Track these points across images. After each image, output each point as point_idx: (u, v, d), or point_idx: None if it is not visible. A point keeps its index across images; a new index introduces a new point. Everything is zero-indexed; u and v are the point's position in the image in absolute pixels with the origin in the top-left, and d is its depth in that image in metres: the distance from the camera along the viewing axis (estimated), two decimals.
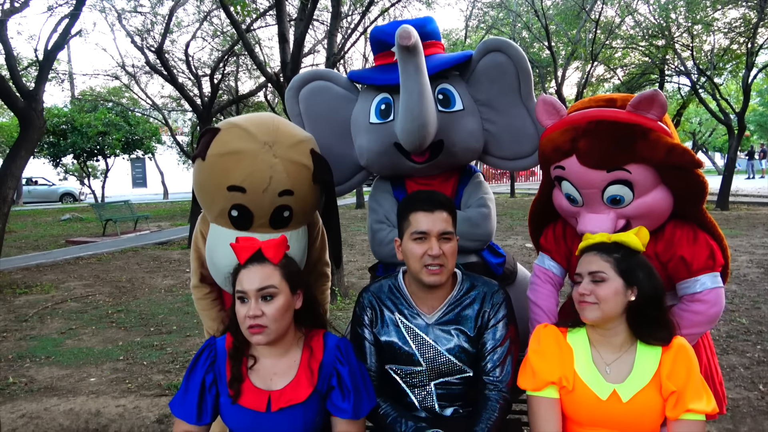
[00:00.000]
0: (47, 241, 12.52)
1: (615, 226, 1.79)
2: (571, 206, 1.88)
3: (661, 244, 1.85)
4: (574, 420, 1.59)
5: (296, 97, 2.33)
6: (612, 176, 1.73)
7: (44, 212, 20.22)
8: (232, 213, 1.92)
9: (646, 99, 1.68)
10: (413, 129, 1.90)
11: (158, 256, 10.01)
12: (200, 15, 12.74)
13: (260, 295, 1.50)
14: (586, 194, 1.81)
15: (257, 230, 1.95)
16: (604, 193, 1.77)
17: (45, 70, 7.37)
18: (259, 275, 1.51)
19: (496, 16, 17.03)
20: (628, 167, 1.71)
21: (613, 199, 1.77)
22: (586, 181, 1.77)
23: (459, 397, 1.76)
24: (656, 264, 1.78)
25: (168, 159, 27.57)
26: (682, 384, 1.48)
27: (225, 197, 1.89)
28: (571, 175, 1.80)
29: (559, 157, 1.81)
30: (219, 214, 1.97)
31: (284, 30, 5.80)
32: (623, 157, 1.70)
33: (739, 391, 3.55)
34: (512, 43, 2.20)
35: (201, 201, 2.05)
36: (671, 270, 1.84)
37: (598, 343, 1.59)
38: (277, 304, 1.51)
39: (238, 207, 1.90)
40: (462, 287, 1.77)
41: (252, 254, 1.55)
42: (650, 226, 1.78)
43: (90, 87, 21.17)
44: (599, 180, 1.75)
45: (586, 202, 1.83)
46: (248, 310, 1.48)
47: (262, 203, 1.90)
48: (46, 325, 5.77)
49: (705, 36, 14.63)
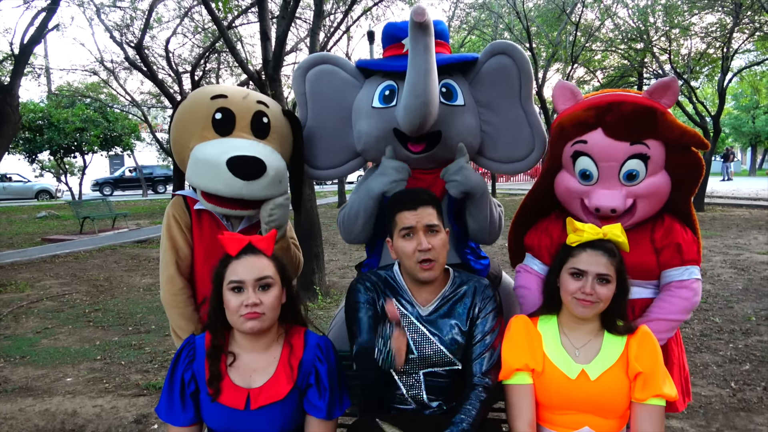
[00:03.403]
0: (22, 239, 12.28)
1: (625, 203, 1.90)
2: (581, 186, 1.97)
3: (659, 231, 1.99)
4: (545, 405, 1.64)
5: (303, 77, 2.36)
6: (633, 149, 1.87)
7: (19, 209, 19.81)
8: (216, 116, 2.06)
9: (663, 86, 1.87)
10: (416, 105, 1.91)
11: (137, 255, 9.90)
12: (181, 11, 12.58)
13: (258, 285, 1.53)
14: (604, 168, 1.91)
15: (239, 134, 2.06)
16: (622, 167, 1.89)
17: (21, 64, 7.25)
18: (257, 266, 1.55)
19: (478, 17, 17.11)
20: (648, 142, 1.87)
21: (629, 175, 1.90)
22: (609, 153, 1.89)
23: (445, 390, 1.79)
24: (651, 250, 1.96)
25: (147, 156, 27.23)
26: (650, 367, 1.55)
27: (208, 105, 2.07)
28: (593, 148, 1.91)
29: (582, 130, 1.92)
30: (203, 126, 2.06)
31: (266, 28, 5.77)
32: (645, 132, 1.86)
33: (711, 388, 3.63)
34: (518, 47, 2.25)
35: (181, 134, 2.12)
36: (664, 257, 1.98)
37: (569, 329, 1.67)
38: (274, 293, 1.56)
39: (221, 110, 2.06)
40: (454, 282, 1.84)
41: (244, 246, 1.58)
42: (650, 209, 1.96)
43: (67, 82, 20.74)
44: (622, 152, 1.88)
45: (602, 178, 1.92)
46: (246, 299, 1.51)
47: (242, 106, 2.10)
48: (20, 324, 5.67)
49: (682, 40, 14.91)
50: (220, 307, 1.57)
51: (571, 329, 1.66)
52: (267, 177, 1.96)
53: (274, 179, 2.01)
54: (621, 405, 1.57)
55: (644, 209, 1.96)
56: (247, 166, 1.92)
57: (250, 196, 1.96)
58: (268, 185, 1.98)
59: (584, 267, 1.59)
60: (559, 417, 1.62)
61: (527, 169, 2.37)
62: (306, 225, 6.08)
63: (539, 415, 1.67)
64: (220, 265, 1.58)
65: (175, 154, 2.22)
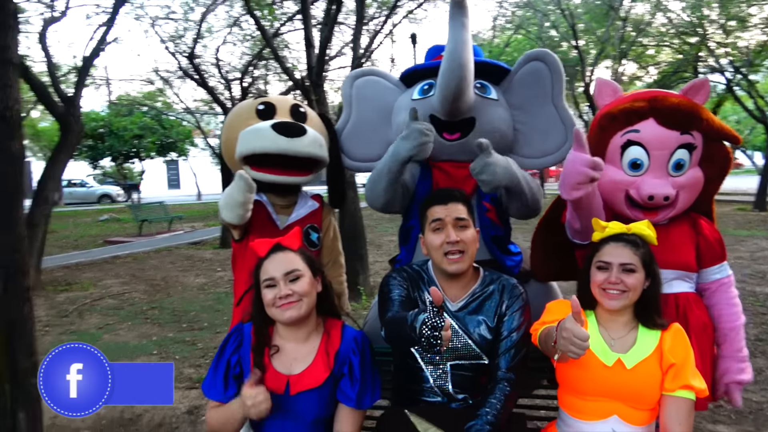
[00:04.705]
0: (86, 241, 13.00)
1: (673, 192, 2.00)
2: (629, 177, 2.04)
3: (708, 226, 2.10)
4: (578, 390, 1.69)
5: (352, 82, 2.60)
6: (683, 139, 1.98)
7: (84, 213, 20.91)
8: (259, 107, 2.35)
9: (696, 86, 2.02)
10: (453, 68, 2.02)
11: (191, 256, 10.31)
12: (230, 20, 13.02)
13: (288, 278, 1.66)
14: (655, 157, 2.00)
15: (280, 117, 2.32)
16: (672, 156, 1.99)
17: (83, 76, 7.69)
18: (284, 261, 1.69)
19: (523, 15, 16.89)
20: (693, 133, 1.99)
21: (677, 164, 2.00)
22: (662, 141, 1.99)
23: (471, 384, 1.86)
24: (690, 245, 2.05)
25: (201, 161, 28.18)
26: (681, 359, 1.60)
27: (251, 103, 2.40)
28: (645, 137, 2.00)
29: (635, 120, 2.01)
30: (248, 117, 2.34)
31: (310, 35, 5.93)
32: (692, 123, 1.99)
33: (764, 394, 3.52)
34: (551, 52, 2.40)
35: (230, 133, 2.37)
36: (705, 253, 2.06)
37: (606, 322, 1.72)
38: (304, 282, 1.68)
39: (264, 103, 2.37)
40: (484, 281, 1.91)
41: (272, 246, 1.72)
42: (688, 201, 2.06)
43: (126, 92, 21.77)
44: (673, 140, 1.98)
45: (652, 167, 2.01)
46: (278, 292, 1.64)
47: (281, 100, 2.42)
48: (84, 320, 6.04)
49: (740, 32, 14.28)
50: (261, 305, 1.70)
51: (608, 322, 1.72)
52: (308, 137, 2.22)
53: (315, 140, 2.27)
54: (652, 396, 1.61)
55: (684, 201, 2.04)
56: (290, 127, 2.20)
57: (293, 151, 2.19)
58: (309, 144, 2.23)
59: (608, 259, 1.65)
60: (590, 404, 1.66)
61: (559, 161, 2.40)
62: (350, 227, 6.21)
63: (568, 404, 1.72)
64: (256, 269, 1.72)
65: (225, 152, 2.45)
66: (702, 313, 2.06)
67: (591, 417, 1.66)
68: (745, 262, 7.55)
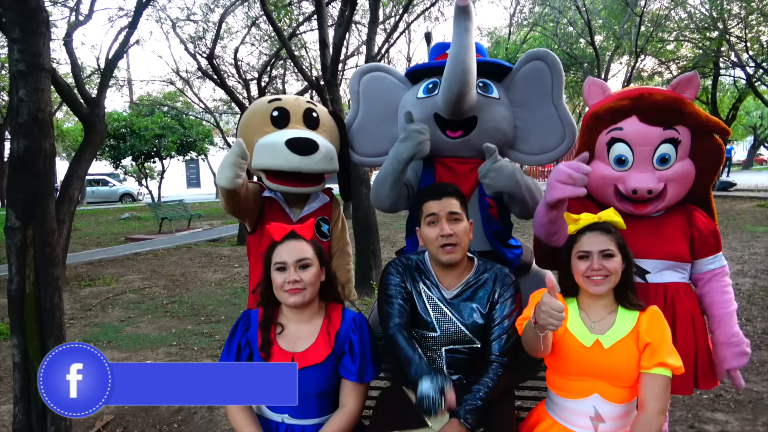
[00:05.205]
0: (108, 238, 13.33)
1: (659, 185, 2.08)
2: (616, 172, 2.13)
3: (702, 218, 2.17)
4: (561, 371, 1.80)
5: (359, 79, 2.70)
6: (666, 134, 2.06)
7: (105, 212, 21.38)
8: (274, 113, 2.46)
9: (685, 80, 2.12)
10: (456, 72, 2.14)
11: (210, 252, 10.54)
12: (248, 21, 13.25)
13: (298, 265, 1.81)
14: (639, 153, 2.09)
15: (294, 126, 2.44)
16: (655, 151, 2.08)
17: (106, 78, 7.92)
18: (297, 249, 1.83)
19: (540, 12, 16.87)
20: (678, 128, 2.07)
21: (662, 158, 2.09)
22: (644, 138, 2.08)
23: (464, 365, 1.99)
24: (683, 237, 2.13)
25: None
26: (657, 339, 1.69)
27: (266, 107, 2.48)
28: (629, 134, 2.10)
29: (619, 118, 2.11)
30: (263, 123, 2.45)
31: (324, 36, 6.07)
32: (676, 118, 2.07)
33: (765, 385, 3.57)
34: (550, 52, 2.49)
35: (245, 134, 2.46)
36: (700, 245, 2.14)
37: (587, 307, 1.82)
38: (311, 271, 1.83)
39: (278, 108, 2.47)
40: (479, 270, 2.02)
41: (287, 233, 1.86)
42: (679, 194, 2.14)
43: (147, 92, 22.23)
44: (656, 136, 2.07)
45: (636, 162, 2.10)
46: (288, 276, 1.79)
47: (294, 104, 2.51)
48: (107, 313, 6.27)
49: (762, 26, 14.07)
50: (269, 285, 1.85)
51: (589, 306, 1.82)
52: (320, 153, 2.33)
53: (326, 156, 2.37)
54: (630, 373, 1.71)
55: (673, 193, 2.12)
56: (302, 144, 2.30)
57: (306, 169, 2.33)
58: (320, 160, 2.34)
59: (587, 248, 1.75)
60: (573, 383, 1.77)
61: (558, 158, 2.52)
62: (364, 223, 6.35)
63: (555, 384, 1.83)
64: (268, 251, 1.87)
65: None
66: (691, 303, 2.14)
67: (574, 395, 1.77)
68: (760, 258, 7.51)
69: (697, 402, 3.36)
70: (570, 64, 16.22)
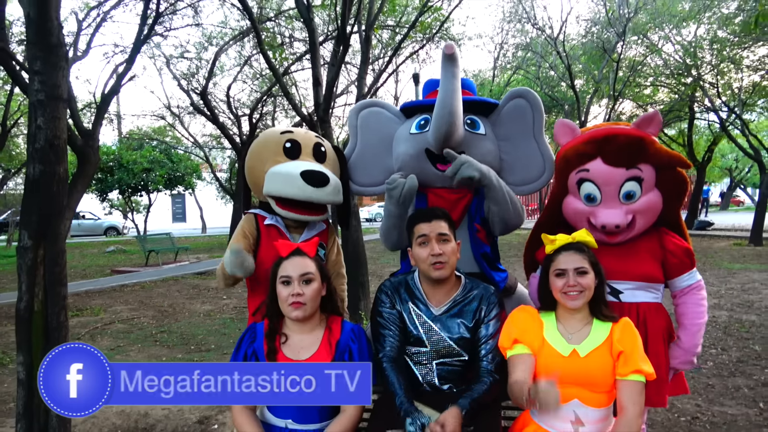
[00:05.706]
0: (94, 270, 13.28)
1: (626, 219, 2.25)
2: (586, 207, 2.32)
3: (673, 240, 2.34)
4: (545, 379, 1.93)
5: (357, 113, 2.91)
6: (629, 173, 2.24)
7: (90, 245, 21.24)
8: (287, 145, 2.61)
9: (647, 119, 2.29)
10: (443, 114, 2.34)
11: (197, 285, 10.57)
12: (241, 59, 13.62)
13: (302, 279, 1.97)
14: (605, 191, 2.27)
15: (304, 158, 2.60)
16: (621, 189, 2.25)
17: (102, 111, 8.10)
18: (301, 264, 2.00)
19: (523, 56, 17.54)
20: (641, 166, 2.25)
21: (627, 195, 2.26)
22: (609, 178, 2.26)
23: (455, 376, 2.14)
24: (655, 259, 2.31)
25: (207, 195, 28.65)
26: (630, 347, 1.87)
27: (279, 138, 2.64)
28: (594, 175, 2.28)
29: (585, 160, 2.30)
30: (276, 153, 2.60)
31: (318, 74, 6.34)
32: (638, 158, 2.24)
33: (739, 408, 3.74)
34: (532, 90, 2.71)
35: (256, 161, 2.63)
36: (673, 264, 2.33)
37: (565, 320, 1.99)
38: (314, 287, 1.98)
39: (290, 141, 2.63)
40: (465, 288, 2.20)
41: (293, 250, 2.03)
42: (647, 222, 2.31)
43: (137, 126, 22.44)
44: (619, 176, 2.25)
45: (604, 199, 2.28)
46: (292, 290, 1.95)
47: (305, 138, 2.67)
48: (96, 342, 6.28)
49: (733, 73, 14.78)
50: (275, 298, 2.00)
51: (566, 320, 1.99)
52: (330, 186, 2.52)
53: (335, 188, 2.56)
54: (606, 380, 1.87)
55: (642, 222, 2.32)
56: (317, 177, 2.48)
57: (317, 199, 2.50)
58: (330, 192, 2.52)
59: (563, 266, 1.94)
60: None
61: (539, 189, 2.74)
62: (353, 254, 6.49)
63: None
64: (275, 266, 2.04)
65: (249, 178, 2.73)
66: (662, 321, 2.32)
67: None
68: (736, 293, 7.77)
69: (675, 424, 3.51)
70: (551, 106, 16.82)
